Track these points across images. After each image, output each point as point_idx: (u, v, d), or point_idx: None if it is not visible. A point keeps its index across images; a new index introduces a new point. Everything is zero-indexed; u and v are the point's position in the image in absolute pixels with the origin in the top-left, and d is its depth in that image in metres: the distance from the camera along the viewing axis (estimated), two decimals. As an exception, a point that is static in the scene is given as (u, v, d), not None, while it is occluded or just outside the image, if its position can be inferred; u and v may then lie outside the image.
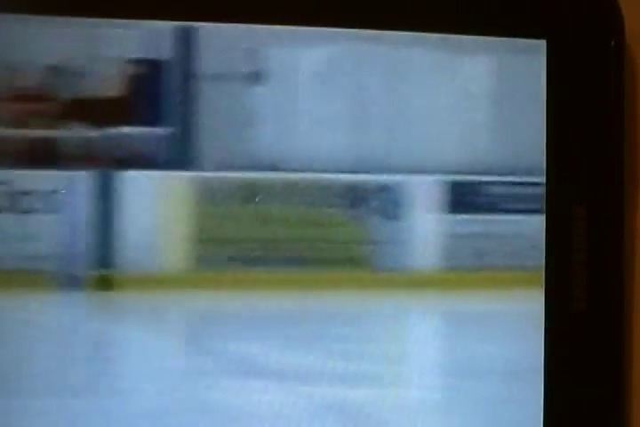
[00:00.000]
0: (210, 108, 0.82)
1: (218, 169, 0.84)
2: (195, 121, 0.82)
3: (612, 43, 0.81)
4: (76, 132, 0.83)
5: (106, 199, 0.81)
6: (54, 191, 0.80)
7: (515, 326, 0.82)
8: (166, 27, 0.82)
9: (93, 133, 0.82)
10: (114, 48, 0.82)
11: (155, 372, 0.81)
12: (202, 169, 0.83)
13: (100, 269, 0.81)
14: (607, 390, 0.81)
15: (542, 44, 0.81)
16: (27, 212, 0.80)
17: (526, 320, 0.81)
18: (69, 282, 0.81)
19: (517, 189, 0.85)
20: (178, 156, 0.84)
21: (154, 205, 0.82)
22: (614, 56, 0.81)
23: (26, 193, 0.80)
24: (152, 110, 0.83)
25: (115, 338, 0.82)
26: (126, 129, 0.83)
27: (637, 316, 0.84)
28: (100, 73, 0.82)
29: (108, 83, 0.82)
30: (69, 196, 0.81)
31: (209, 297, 0.82)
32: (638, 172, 0.85)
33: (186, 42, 0.81)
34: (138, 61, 0.82)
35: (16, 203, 0.79)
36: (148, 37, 0.82)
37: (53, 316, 0.80)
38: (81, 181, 0.81)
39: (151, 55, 0.83)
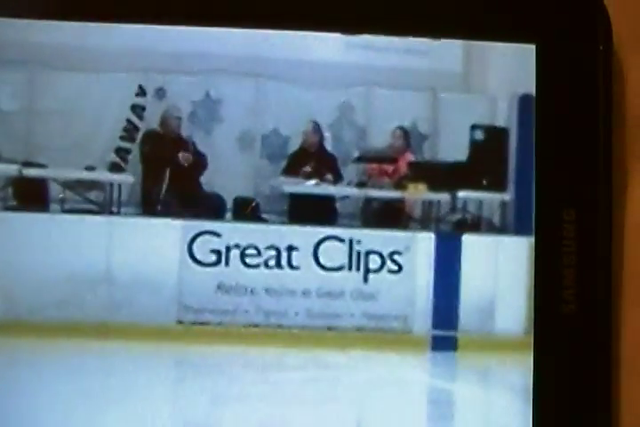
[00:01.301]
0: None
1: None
2: (532, 187, 0.82)
3: (601, 47, 0.80)
4: (421, 195, 0.85)
5: (447, 261, 0.82)
6: (398, 252, 0.81)
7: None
8: (508, 94, 0.84)
9: (437, 196, 0.84)
10: (459, 114, 0.84)
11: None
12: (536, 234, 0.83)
13: (444, 329, 0.81)
14: (596, 391, 0.78)
15: (532, 48, 0.81)
16: (373, 271, 0.81)
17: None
18: (410, 342, 0.81)
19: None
20: (516, 220, 0.84)
21: (492, 268, 0.82)
22: (603, 60, 0.80)
23: (371, 252, 0.81)
24: (493, 176, 0.84)
25: (455, 396, 0.81)
26: (468, 193, 0.84)
27: (626, 318, 0.81)
28: (446, 138, 0.84)
29: (453, 148, 0.84)
30: (412, 256, 0.82)
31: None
32: (627, 175, 0.83)
33: (527, 109, 0.83)
34: (482, 128, 0.84)
35: (362, 262, 0.81)
36: (490, 104, 0.84)
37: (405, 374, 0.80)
38: (423, 243, 0.82)
39: (493, 122, 0.85)
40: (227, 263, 0.79)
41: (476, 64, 0.83)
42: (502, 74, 0.82)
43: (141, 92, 0.82)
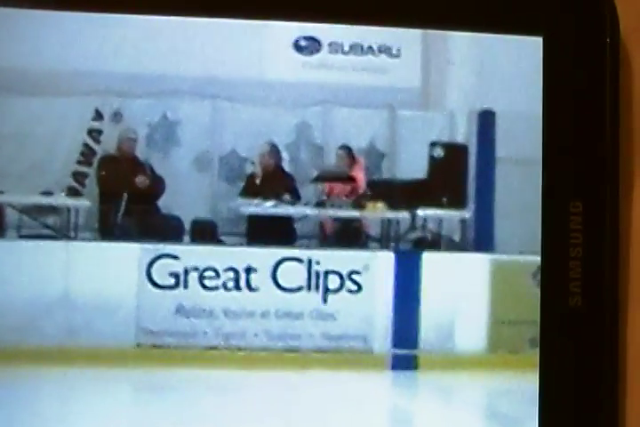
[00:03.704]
0: (508, 192, 0.82)
1: (514, 252, 0.83)
2: (493, 204, 0.82)
3: (608, 40, 0.79)
4: (380, 213, 0.85)
5: (407, 280, 0.82)
6: (357, 271, 0.81)
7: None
8: (467, 110, 0.84)
9: (396, 214, 0.84)
10: (418, 131, 0.84)
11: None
12: (499, 251, 0.83)
13: (404, 348, 0.81)
14: (602, 385, 0.77)
15: (539, 41, 0.80)
16: (332, 291, 0.81)
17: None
18: (370, 361, 0.81)
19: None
20: (476, 238, 0.84)
21: (452, 286, 0.82)
22: (610, 53, 0.79)
23: (330, 272, 0.81)
24: (453, 193, 0.84)
25: (415, 415, 0.81)
26: (428, 211, 0.84)
27: (632, 310, 0.81)
28: (405, 155, 0.84)
29: (412, 165, 0.84)
30: (372, 276, 0.82)
31: (504, 378, 0.80)
32: (634, 167, 0.82)
33: (486, 125, 0.83)
34: (441, 144, 0.84)
35: (321, 282, 0.81)
36: (449, 121, 0.84)
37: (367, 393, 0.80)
38: (382, 262, 0.82)
39: (453, 139, 0.85)
40: (185, 286, 0.79)
41: (435, 80, 0.82)
42: (461, 89, 0.82)
43: (98, 115, 0.82)
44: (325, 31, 0.78)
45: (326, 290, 0.80)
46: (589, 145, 0.77)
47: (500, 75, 0.80)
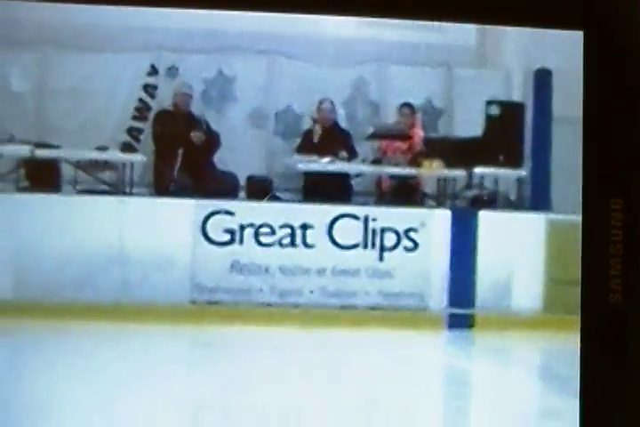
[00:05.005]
0: (564, 151, 0.81)
1: (570, 211, 0.82)
2: (550, 163, 0.81)
3: None
4: (436, 171, 0.84)
5: (463, 238, 0.81)
6: (413, 229, 0.81)
7: None
8: (523, 69, 0.83)
9: (452, 172, 0.83)
10: (474, 89, 0.83)
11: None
12: (555, 211, 0.82)
13: (460, 307, 0.80)
14: None
15: (580, 35, 0.79)
16: (388, 249, 0.80)
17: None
18: (427, 319, 0.80)
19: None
20: (532, 196, 0.83)
21: (508, 244, 0.81)
22: None
23: (387, 229, 0.81)
24: (509, 152, 0.83)
25: (470, 373, 0.80)
26: (484, 169, 0.83)
27: None
28: (462, 113, 0.83)
29: (469, 123, 0.83)
30: (428, 233, 0.81)
31: (559, 338, 0.79)
32: None
33: (543, 84, 0.82)
34: (497, 103, 0.83)
35: (377, 240, 0.80)
36: (505, 79, 0.83)
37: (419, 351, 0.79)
38: (439, 220, 0.81)
39: (509, 97, 0.84)
40: (241, 242, 0.79)
41: (491, 38, 0.82)
42: (518, 48, 0.81)
43: (153, 70, 0.81)
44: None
45: (382, 247, 0.80)
46: (629, 143, 0.76)
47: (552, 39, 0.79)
